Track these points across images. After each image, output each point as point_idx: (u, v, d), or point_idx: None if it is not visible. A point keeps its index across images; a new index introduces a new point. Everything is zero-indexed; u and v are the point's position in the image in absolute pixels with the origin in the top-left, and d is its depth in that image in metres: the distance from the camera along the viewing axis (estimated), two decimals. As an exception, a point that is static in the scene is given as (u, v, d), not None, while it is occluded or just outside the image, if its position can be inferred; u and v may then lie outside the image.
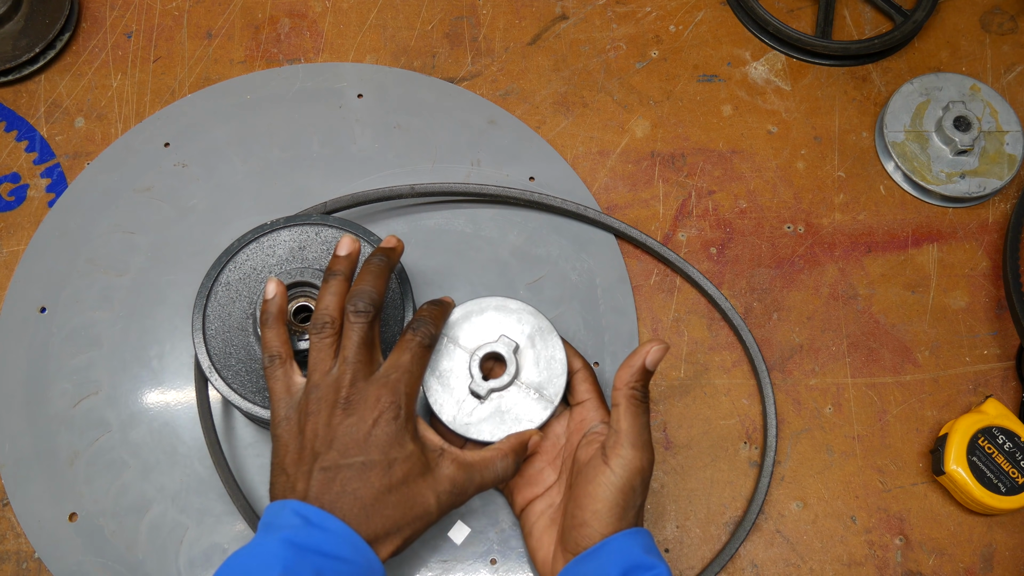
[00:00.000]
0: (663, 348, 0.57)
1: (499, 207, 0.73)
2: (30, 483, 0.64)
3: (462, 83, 0.78)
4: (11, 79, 0.75)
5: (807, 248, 0.74)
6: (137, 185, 0.73)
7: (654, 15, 0.81)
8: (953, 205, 0.76)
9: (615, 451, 0.55)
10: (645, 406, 0.57)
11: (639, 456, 0.55)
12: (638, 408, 0.56)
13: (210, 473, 0.64)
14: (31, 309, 0.69)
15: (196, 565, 0.63)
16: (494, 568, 0.63)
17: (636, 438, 0.55)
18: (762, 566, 0.65)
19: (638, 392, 0.56)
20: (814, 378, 0.70)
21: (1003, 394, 0.70)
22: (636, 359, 0.57)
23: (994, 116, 0.76)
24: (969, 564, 0.66)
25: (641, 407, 0.56)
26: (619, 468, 0.55)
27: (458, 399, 0.60)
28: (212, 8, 0.80)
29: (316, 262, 0.63)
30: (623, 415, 0.56)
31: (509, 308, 0.62)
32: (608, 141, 0.76)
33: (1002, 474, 0.65)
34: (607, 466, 0.55)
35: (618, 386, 0.57)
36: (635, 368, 0.57)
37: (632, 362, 0.57)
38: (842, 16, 0.82)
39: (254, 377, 0.60)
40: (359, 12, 0.80)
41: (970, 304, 0.73)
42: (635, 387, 0.56)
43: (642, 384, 0.57)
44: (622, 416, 0.56)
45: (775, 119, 0.78)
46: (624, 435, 0.55)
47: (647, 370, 0.57)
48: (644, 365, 0.57)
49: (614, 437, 0.56)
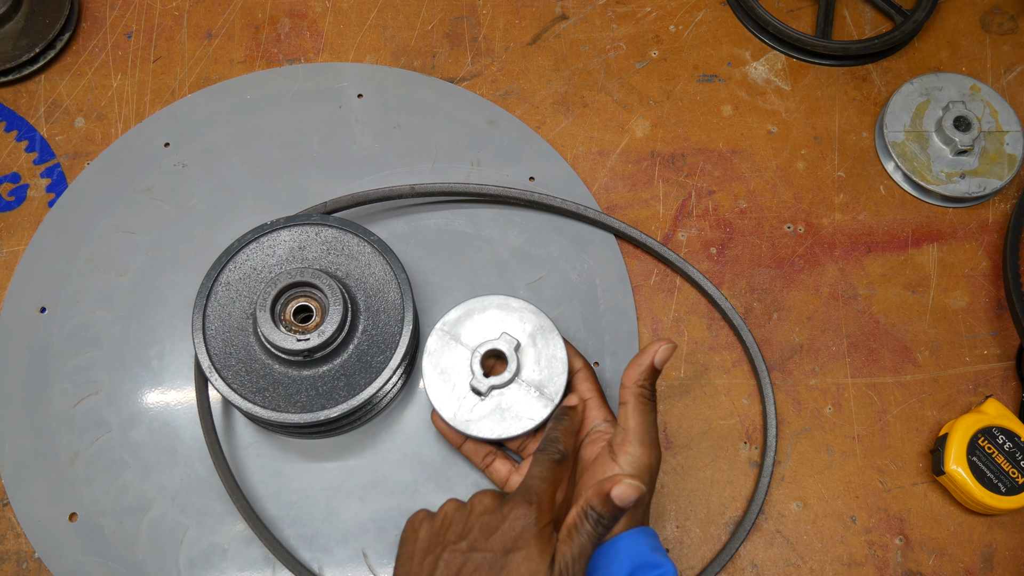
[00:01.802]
0: (671, 347, 0.57)
1: (499, 207, 0.73)
2: (30, 483, 0.64)
3: (462, 83, 0.78)
4: (11, 79, 0.75)
5: (807, 248, 0.74)
6: (137, 185, 0.73)
7: (654, 15, 0.81)
8: (953, 205, 0.76)
9: (623, 448, 0.55)
10: (653, 404, 0.57)
11: (647, 453, 0.55)
12: (646, 406, 0.57)
13: (210, 473, 0.64)
14: (31, 309, 0.69)
15: (196, 565, 0.63)
16: (494, 568, 0.63)
17: (644, 436, 0.56)
18: (762, 566, 0.65)
19: (646, 390, 0.57)
20: (814, 378, 0.70)
21: (1003, 394, 0.70)
22: (645, 358, 0.57)
23: (994, 116, 0.76)
24: (969, 564, 0.66)
25: (649, 405, 0.57)
26: (627, 465, 0.55)
27: (459, 396, 0.60)
28: (212, 8, 0.80)
29: (316, 262, 0.63)
30: (631, 413, 0.56)
31: (511, 307, 0.62)
32: (608, 141, 0.76)
33: (1002, 474, 0.65)
34: (615, 463, 0.55)
35: (626, 384, 0.57)
36: (644, 366, 0.57)
37: (641, 360, 0.57)
38: (842, 16, 0.82)
39: (254, 377, 0.60)
40: (359, 12, 0.80)
41: (970, 304, 0.73)
42: (643, 385, 0.57)
43: (650, 383, 0.57)
44: (630, 414, 0.56)
45: (775, 119, 0.78)
46: (632, 433, 0.56)
47: (655, 369, 0.57)
48: (653, 364, 0.57)
49: (622, 435, 0.56)
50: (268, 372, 0.60)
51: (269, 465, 0.65)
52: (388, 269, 0.63)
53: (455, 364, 0.61)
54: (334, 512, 0.64)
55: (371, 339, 0.61)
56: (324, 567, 0.63)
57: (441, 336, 0.62)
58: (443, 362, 0.61)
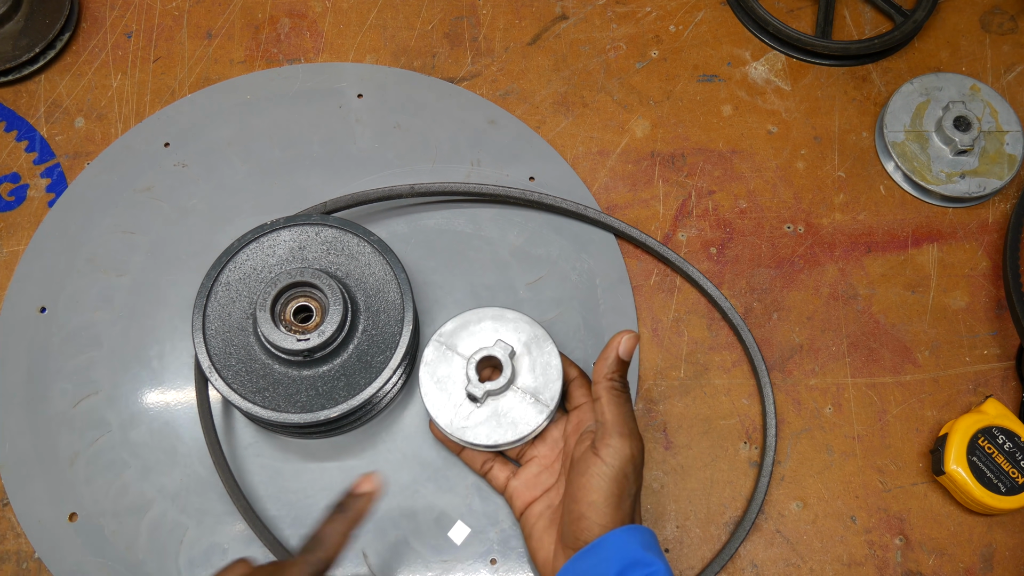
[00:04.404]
0: (634, 337, 0.58)
1: (499, 207, 0.73)
2: (30, 483, 0.64)
3: (462, 83, 0.78)
4: (11, 79, 0.75)
5: (807, 248, 0.74)
6: (137, 185, 0.73)
7: (654, 15, 0.81)
8: (953, 205, 0.76)
9: (604, 442, 0.56)
10: (626, 395, 0.58)
11: (628, 444, 0.56)
12: (619, 398, 0.57)
13: (210, 473, 0.64)
14: (31, 309, 0.69)
15: (196, 565, 0.63)
16: (494, 568, 0.63)
17: (622, 427, 0.56)
18: (762, 566, 0.65)
19: (617, 383, 0.57)
20: (814, 378, 0.70)
21: (1003, 394, 0.70)
22: (610, 351, 0.58)
23: (994, 116, 0.76)
24: (969, 564, 0.66)
25: (622, 396, 0.57)
26: (610, 458, 0.55)
27: (455, 403, 0.61)
28: (212, 8, 0.80)
29: (316, 262, 0.63)
30: (606, 406, 0.57)
31: (506, 317, 0.63)
32: (608, 141, 0.76)
33: (1002, 474, 0.65)
34: (598, 457, 0.55)
35: (597, 380, 0.58)
36: (610, 360, 0.57)
37: (607, 354, 0.58)
38: (842, 16, 0.82)
39: (254, 377, 0.60)
40: (359, 12, 0.80)
41: (970, 304, 0.73)
42: (612, 378, 0.57)
43: (619, 375, 0.58)
44: (605, 408, 0.57)
45: (775, 119, 0.78)
46: (610, 425, 0.56)
47: (622, 360, 0.58)
48: (618, 355, 0.57)
49: (601, 429, 0.56)
50: (268, 372, 0.60)
51: (269, 465, 0.65)
52: (388, 269, 0.63)
53: (451, 374, 0.62)
54: (334, 512, 0.64)
55: (371, 339, 0.61)
56: (324, 567, 0.63)
57: (437, 347, 0.62)
58: (440, 372, 0.62)
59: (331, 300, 0.60)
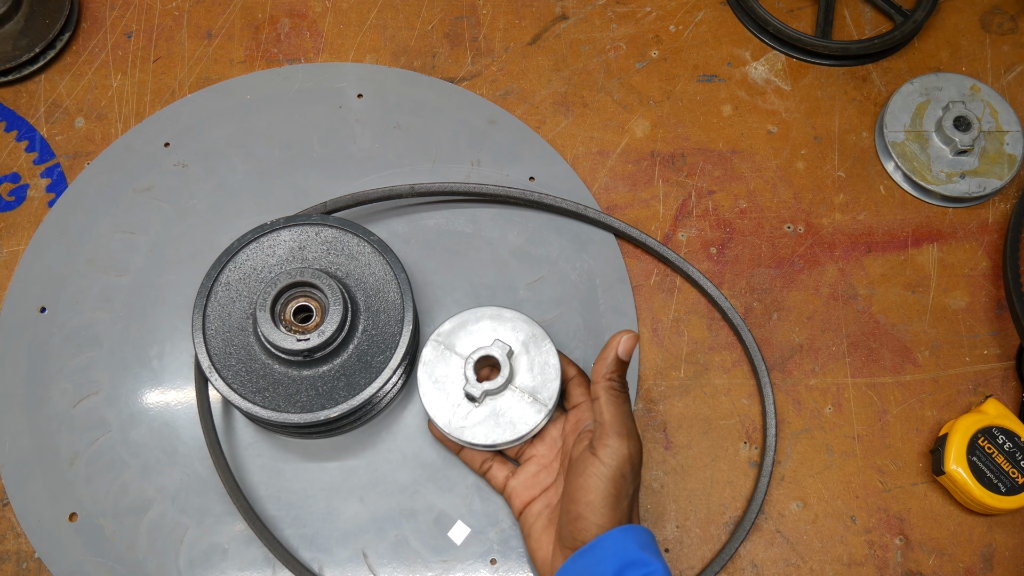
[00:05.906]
0: (633, 336, 0.58)
1: (499, 207, 0.73)
2: (30, 483, 0.64)
3: (462, 83, 0.78)
4: (11, 79, 0.75)
5: (807, 248, 0.74)
6: (137, 185, 0.73)
7: (654, 15, 0.81)
8: (953, 205, 0.76)
9: (602, 442, 0.56)
10: (625, 395, 0.58)
11: (626, 444, 0.56)
12: (618, 398, 0.57)
13: (210, 473, 0.64)
14: (31, 309, 0.69)
15: (196, 565, 0.63)
16: (494, 568, 0.63)
17: (620, 427, 0.56)
18: (762, 566, 0.65)
19: (615, 383, 0.57)
20: (814, 378, 0.70)
21: (1003, 394, 0.70)
22: (609, 351, 0.58)
23: (994, 116, 0.76)
24: (969, 564, 0.66)
25: (621, 396, 0.57)
26: (607, 458, 0.55)
27: (454, 403, 0.61)
28: (212, 8, 0.80)
29: (316, 262, 0.63)
30: (604, 406, 0.57)
31: (504, 317, 0.63)
32: (608, 141, 0.76)
33: (1002, 474, 0.65)
34: (596, 457, 0.55)
35: (595, 379, 0.58)
36: (609, 360, 0.57)
37: (606, 355, 0.58)
38: (842, 16, 0.82)
39: (254, 377, 0.60)
40: (359, 12, 0.80)
41: (970, 304, 0.73)
42: (611, 378, 0.57)
43: (618, 375, 0.58)
44: (604, 407, 0.57)
45: (775, 119, 0.78)
46: (608, 425, 0.56)
47: (621, 360, 0.58)
48: (617, 356, 0.57)
49: (600, 429, 0.56)
50: (268, 372, 0.60)
51: (269, 465, 0.65)
52: (388, 269, 0.63)
53: (450, 374, 0.62)
54: (334, 512, 0.64)
55: (371, 339, 0.61)
56: (324, 567, 0.63)
57: (436, 347, 0.62)
58: (438, 371, 0.62)
59: (331, 300, 0.60)
